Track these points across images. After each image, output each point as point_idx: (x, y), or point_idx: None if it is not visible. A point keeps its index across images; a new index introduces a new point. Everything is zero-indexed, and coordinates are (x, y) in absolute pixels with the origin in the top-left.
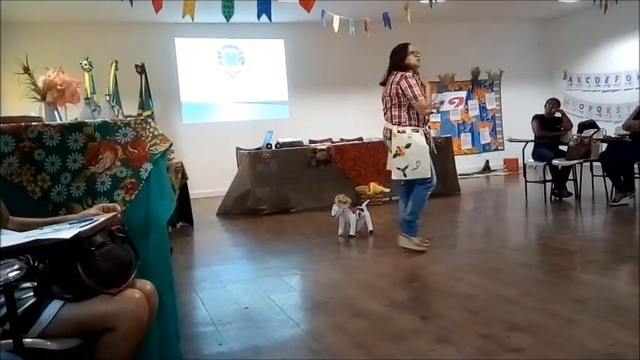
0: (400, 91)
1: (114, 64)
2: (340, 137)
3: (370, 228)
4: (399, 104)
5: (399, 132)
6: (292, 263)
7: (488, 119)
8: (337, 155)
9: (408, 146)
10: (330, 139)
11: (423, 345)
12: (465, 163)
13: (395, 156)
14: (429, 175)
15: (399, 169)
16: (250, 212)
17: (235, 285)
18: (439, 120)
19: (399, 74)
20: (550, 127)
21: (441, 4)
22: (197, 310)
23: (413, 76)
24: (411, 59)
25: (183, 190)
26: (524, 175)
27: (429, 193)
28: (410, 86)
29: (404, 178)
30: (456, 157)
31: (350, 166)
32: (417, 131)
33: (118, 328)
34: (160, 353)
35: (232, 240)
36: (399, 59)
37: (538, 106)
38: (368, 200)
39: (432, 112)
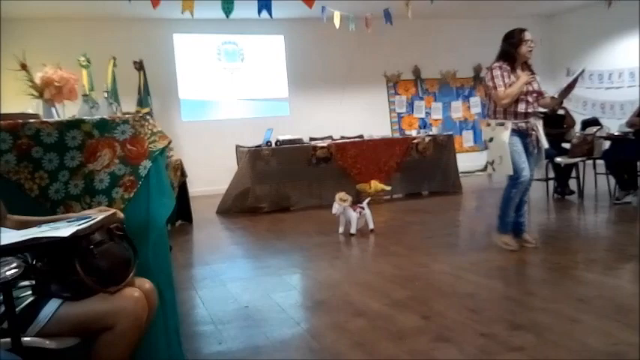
0: (485, 83)
1: (112, 61)
2: (341, 135)
3: (371, 226)
4: (490, 96)
5: (487, 125)
6: (292, 262)
7: None
8: (338, 153)
9: (490, 140)
10: (330, 137)
11: (424, 344)
12: (466, 161)
13: (486, 148)
14: (511, 172)
15: (488, 162)
16: (250, 210)
17: (235, 283)
18: (440, 117)
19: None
20: (553, 125)
21: (442, 1)
22: (197, 308)
23: (502, 66)
24: (523, 49)
25: (183, 187)
26: None
27: (514, 190)
28: (492, 77)
29: (494, 173)
30: (457, 154)
31: (350, 163)
32: (503, 124)
33: (117, 326)
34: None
35: (232, 238)
36: (508, 46)
37: None
38: (369, 198)
39: (557, 101)
